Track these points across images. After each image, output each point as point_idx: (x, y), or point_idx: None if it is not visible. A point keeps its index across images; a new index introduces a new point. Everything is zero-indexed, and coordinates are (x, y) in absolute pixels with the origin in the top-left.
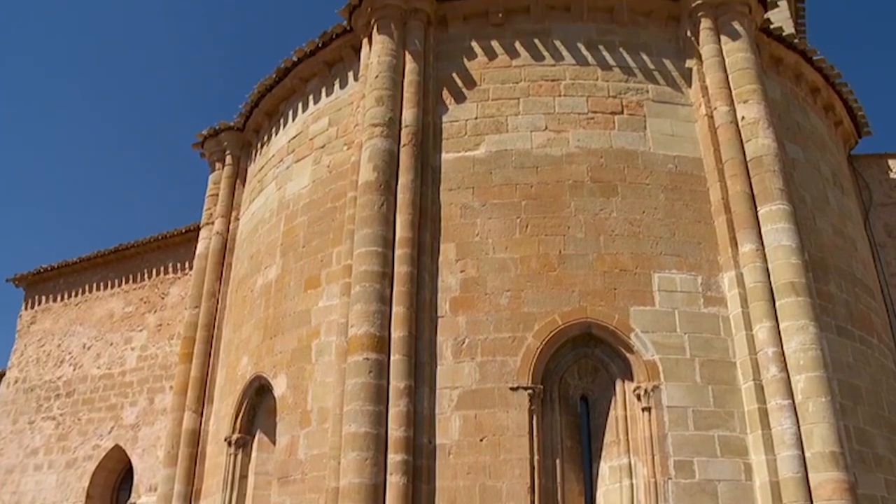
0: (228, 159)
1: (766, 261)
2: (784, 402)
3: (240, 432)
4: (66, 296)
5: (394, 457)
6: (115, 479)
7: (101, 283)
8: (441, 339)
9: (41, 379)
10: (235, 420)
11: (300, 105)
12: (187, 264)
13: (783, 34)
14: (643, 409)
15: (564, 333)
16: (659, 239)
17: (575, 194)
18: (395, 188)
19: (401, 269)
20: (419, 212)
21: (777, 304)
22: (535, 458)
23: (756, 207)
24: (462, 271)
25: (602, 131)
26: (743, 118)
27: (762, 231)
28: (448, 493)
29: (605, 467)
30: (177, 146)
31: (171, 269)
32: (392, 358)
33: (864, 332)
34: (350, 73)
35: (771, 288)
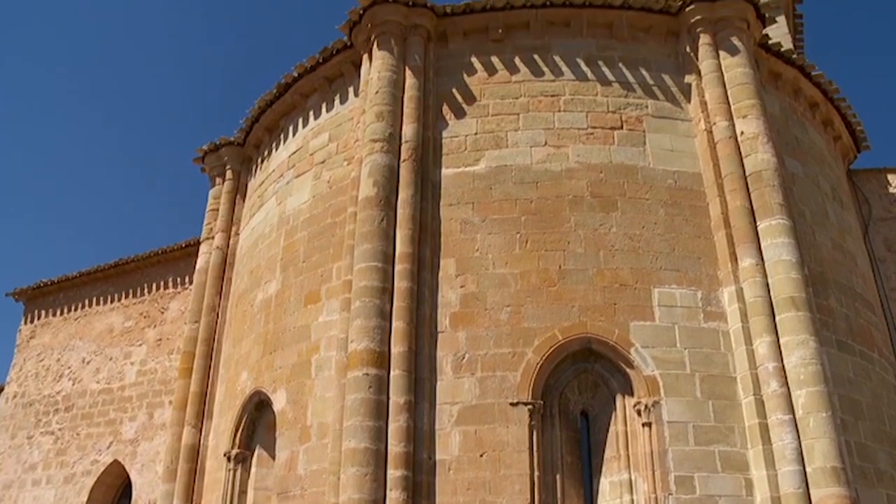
0: (229, 174)
1: (766, 276)
2: (785, 417)
3: (239, 447)
4: (65, 310)
5: (394, 472)
6: (114, 495)
7: (101, 298)
8: (441, 355)
9: (40, 394)
10: (235, 435)
11: (300, 120)
12: (187, 279)
13: (781, 49)
14: (643, 425)
15: (564, 349)
16: (659, 254)
17: (575, 209)
18: (395, 203)
19: (401, 284)
20: (419, 227)
21: (777, 318)
22: (536, 473)
23: (756, 222)
24: (462, 286)
25: (602, 146)
26: (742, 133)
27: (762, 246)
28: None
29: (605, 483)
30: (177, 161)
31: (170, 284)
32: (392, 373)
33: (864, 346)
34: (350, 89)
35: (771, 303)
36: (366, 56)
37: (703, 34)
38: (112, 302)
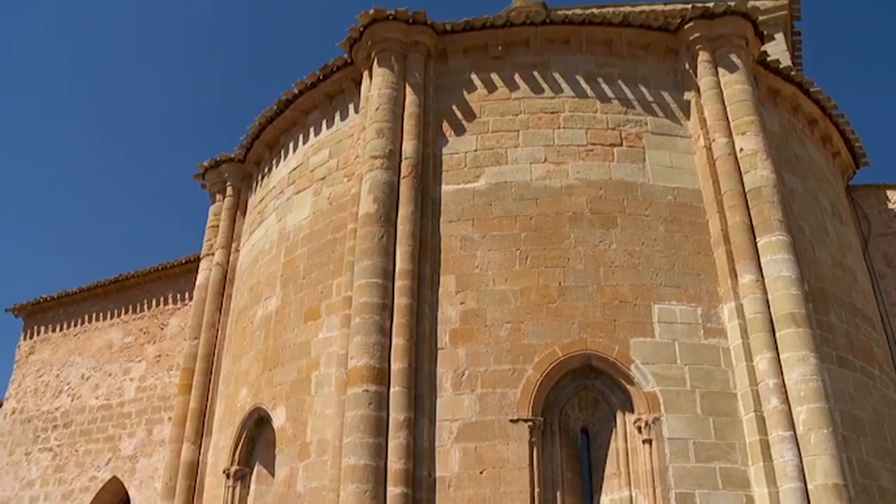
0: (229, 191)
1: (765, 292)
2: (786, 433)
3: (238, 464)
4: (65, 326)
5: (393, 489)
6: None
7: (101, 314)
8: (441, 371)
9: (39, 410)
10: (234, 452)
11: (301, 137)
12: (187, 295)
13: (780, 66)
14: (644, 441)
15: (564, 365)
16: (659, 270)
17: (574, 226)
18: (395, 220)
19: (401, 300)
20: (419, 244)
21: (777, 335)
22: (536, 490)
23: (755, 238)
24: (462, 303)
25: (601, 163)
26: (741, 150)
27: (762, 262)
28: None
29: (605, 500)
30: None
31: (170, 300)
32: (392, 390)
33: (865, 362)
34: (351, 106)
35: (771, 319)
36: (366, 73)
37: (701, 51)
38: (112, 318)
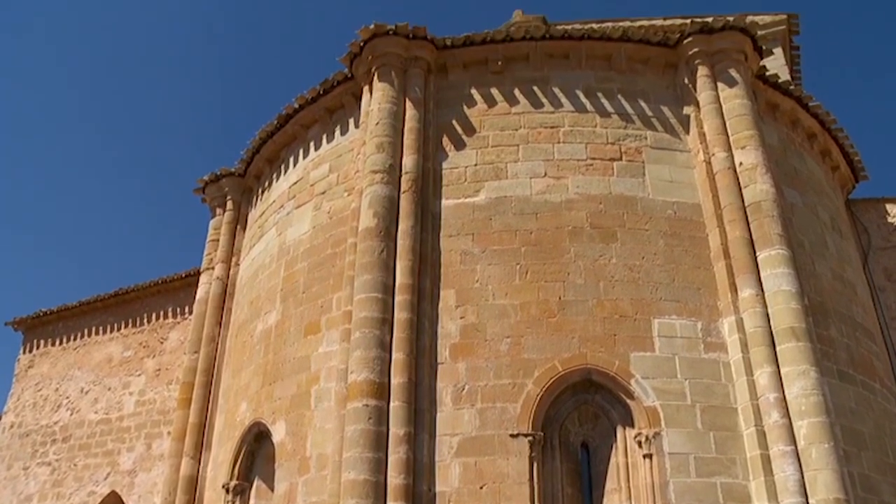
0: (229, 205)
1: (765, 306)
2: (787, 448)
3: (238, 479)
4: (64, 340)
5: None
6: None
7: (101, 328)
8: (441, 386)
9: (37, 424)
10: (233, 466)
11: (301, 151)
12: (187, 309)
13: (779, 81)
14: (644, 456)
15: (565, 380)
16: (658, 285)
17: (574, 240)
18: (395, 234)
19: (401, 315)
20: (419, 258)
21: (777, 349)
22: None
23: (755, 252)
24: (462, 317)
25: (601, 177)
26: (741, 164)
27: (762, 276)
28: None
29: None
30: (178, 191)
31: (170, 314)
32: (392, 404)
33: (865, 376)
34: (351, 120)
35: (771, 333)
36: (366, 88)
37: (701, 66)
38: (111, 331)
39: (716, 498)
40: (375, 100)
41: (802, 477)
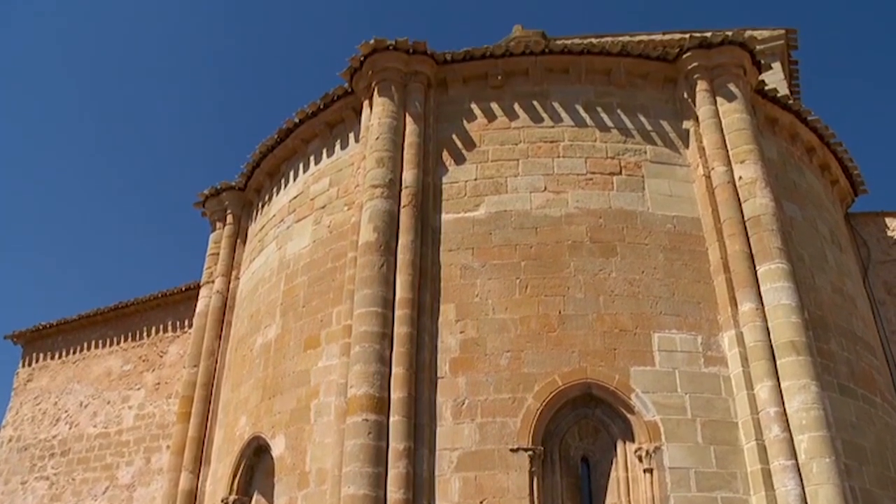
0: (229, 218)
1: (765, 320)
2: (787, 462)
3: (237, 493)
4: (64, 353)
5: None
6: None
7: (100, 341)
8: (441, 400)
9: (36, 438)
10: (233, 481)
11: (301, 165)
12: (187, 323)
13: (778, 95)
14: (645, 471)
15: (565, 394)
16: (658, 299)
17: (574, 255)
18: (395, 249)
19: (401, 329)
20: (419, 272)
21: (778, 363)
22: None
23: (755, 266)
24: (462, 332)
25: (601, 192)
26: (740, 178)
27: (761, 290)
28: None
29: None
30: (178, 205)
31: (170, 328)
32: (391, 419)
33: (866, 390)
34: (351, 135)
35: (771, 347)
36: (366, 102)
37: (700, 80)
38: (111, 345)
39: None
40: (375, 114)
41: (804, 491)
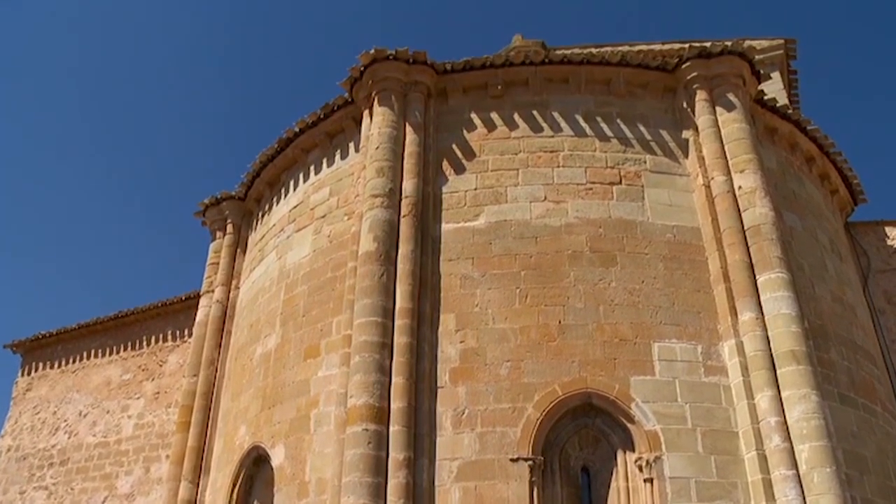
0: (230, 228)
1: (765, 329)
2: (788, 472)
3: (236, 503)
4: (63, 362)
5: None
6: None
7: (100, 350)
8: (441, 410)
9: (35, 447)
10: (232, 491)
11: (301, 175)
12: (186, 332)
13: (777, 105)
14: (645, 481)
15: (565, 404)
16: (658, 308)
17: (574, 264)
18: (395, 258)
19: (400, 339)
20: (419, 282)
21: (778, 372)
22: None
23: (755, 276)
24: (462, 342)
25: (601, 201)
26: (740, 187)
27: (761, 299)
28: None
29: None
30: (178, 214)
31: (170, 337)
32: (391, 429)
33: (867, 399)
34: (351, 144)
35: (772, 356)
36: (366, 112)
37: (699, 90)
38: (110, 354)
39: None
40: (375, 124)
41: (805, 501)
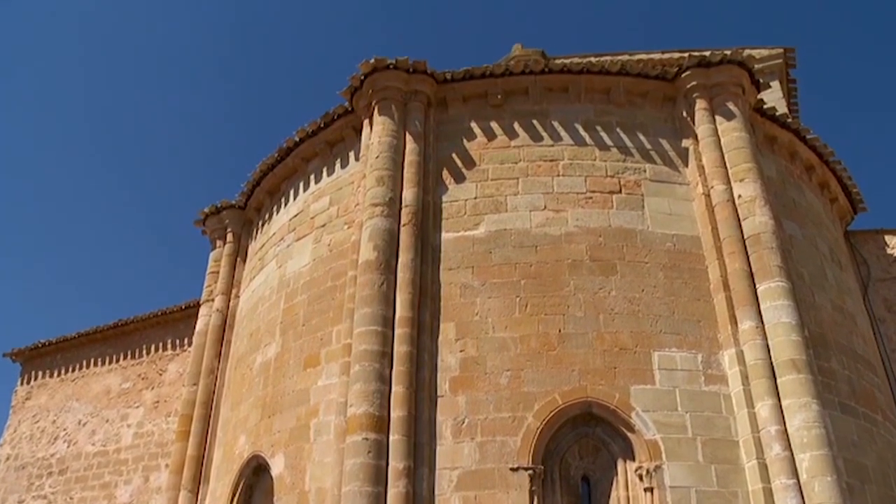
0: (229, 237)
1: (766, 338)
2: (789, 481)
3: None
4: (63, 371)
5: None
6: None
7: (99, 359)
8: (441, 419)
9: (34, 456)
10: (232, 500)
11: (301, 184)
12: (186, 341)
13: (776, 114)
14: (645, 490)
15: (565, 413)
16: (658, 317)
17: (574, 273)
18: (395, 267)
19: (400, 348)
20: (419, 291)
21: (778, 381)
22: None
23: (755, 285)
24: (462, 351)
25: (600, 210)
26: (739, 196)
27: (761, 308)
28: None
29: None
30: (178, 223)
31: (169, 346)
32: (391, 438)
33: (867, 408)
34: (351, 153)
35: (772, 365)
36: (366, 121)
37: (699, 99)
38: (110, 363)
39: None
40: (376, 133)
41: None
